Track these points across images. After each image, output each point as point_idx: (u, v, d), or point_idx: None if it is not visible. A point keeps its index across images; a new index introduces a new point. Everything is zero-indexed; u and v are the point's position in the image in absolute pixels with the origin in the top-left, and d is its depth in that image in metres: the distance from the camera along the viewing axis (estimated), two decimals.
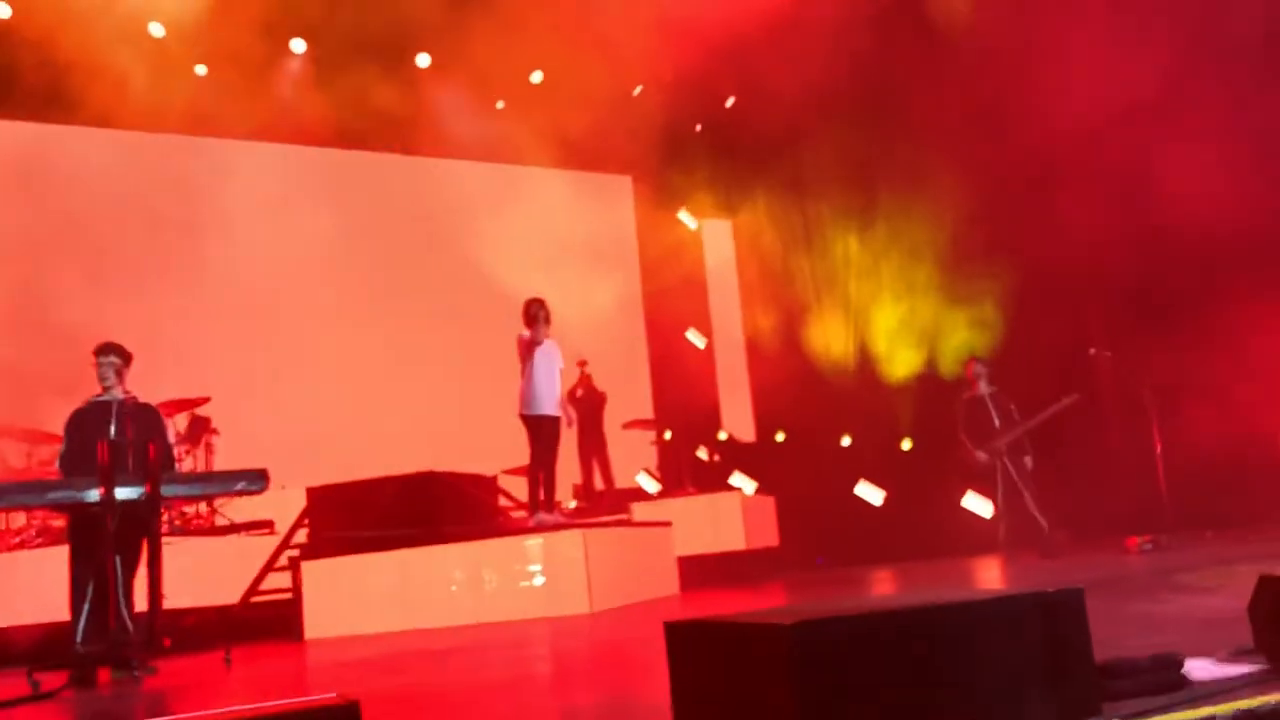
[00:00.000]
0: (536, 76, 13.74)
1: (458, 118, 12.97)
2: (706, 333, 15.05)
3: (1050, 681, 2.14)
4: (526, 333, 8.58)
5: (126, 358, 6.37)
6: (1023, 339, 10.99)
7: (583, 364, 12.74)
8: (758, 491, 12.58)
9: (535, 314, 8.59)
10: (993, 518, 9.58)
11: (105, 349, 6.32)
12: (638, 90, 14.04)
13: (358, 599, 8.26)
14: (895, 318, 13.86)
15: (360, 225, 13.32)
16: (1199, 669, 2.56)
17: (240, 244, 12.14)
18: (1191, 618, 4.05)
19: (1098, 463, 9.33)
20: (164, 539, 6.18)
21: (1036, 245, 11.34)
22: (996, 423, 9.54)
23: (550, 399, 8.56)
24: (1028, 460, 9.44)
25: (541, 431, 8.52)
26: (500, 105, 13.71)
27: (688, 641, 2.35)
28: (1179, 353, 9.79)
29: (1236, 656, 2.69)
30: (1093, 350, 9.56)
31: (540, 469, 8.59)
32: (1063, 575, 6.80)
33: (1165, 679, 2.42)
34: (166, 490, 5.90)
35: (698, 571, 10.37)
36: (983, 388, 9.70)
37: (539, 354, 8.51)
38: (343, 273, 13.05)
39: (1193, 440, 10.10)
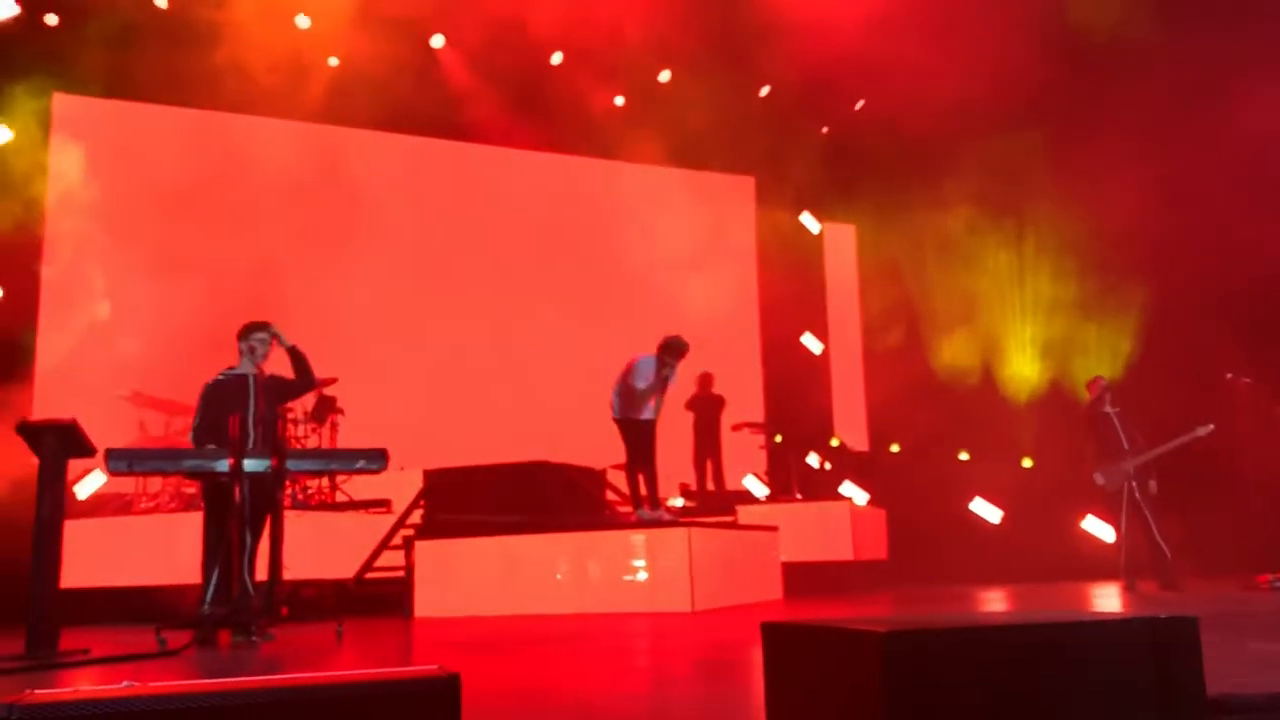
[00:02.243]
0: (664, 75, 13.82)
1: (585, 114, 13.14)
2: (823, 338, 14.90)
3: (1157, 712, 2.07)
4: (651, 361, 8.54)
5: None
6: (1157, 360, 10.56)
7: (706, 376, 12.79)
8: (869, 503, 12.40)
9: (671, 360, 8.58)
10: (1115, 543, 9.22)
11: (260, 326, 6.56)
12: (765, 90, 13.99)
13: (467, 581, 8.46)
14: (1024, 332, 13.48)
15: (485, 219, 13.63)
16: None
17: (377, 233, 12.56)
18: None
19: (1229, 493, 8.90)
20: (286, 512, 6.45)
21: (1178, 264, 10.88)
22: (1125, 444, 9.19)
23: (647, 407, 8.62)
24: (1153, 485, 9.08)
25: (637, 434, 8.57)
26: (620, 101, 13.81)
27: (783, 643, 2.35)
28: None
29: None
30: (1229, 375, 9.12)
31: (638, 467, 8.64)
32: (1182, 606, 6.53)
33: None
34: (292, 464, 6.15)
35: (802, 579, 10.29)
36: (1108, 407, 9.36)
37: (655, 380, 8.52)
38: (468, 265, 13.38)
39: None
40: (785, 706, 2.29)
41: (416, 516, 9.64)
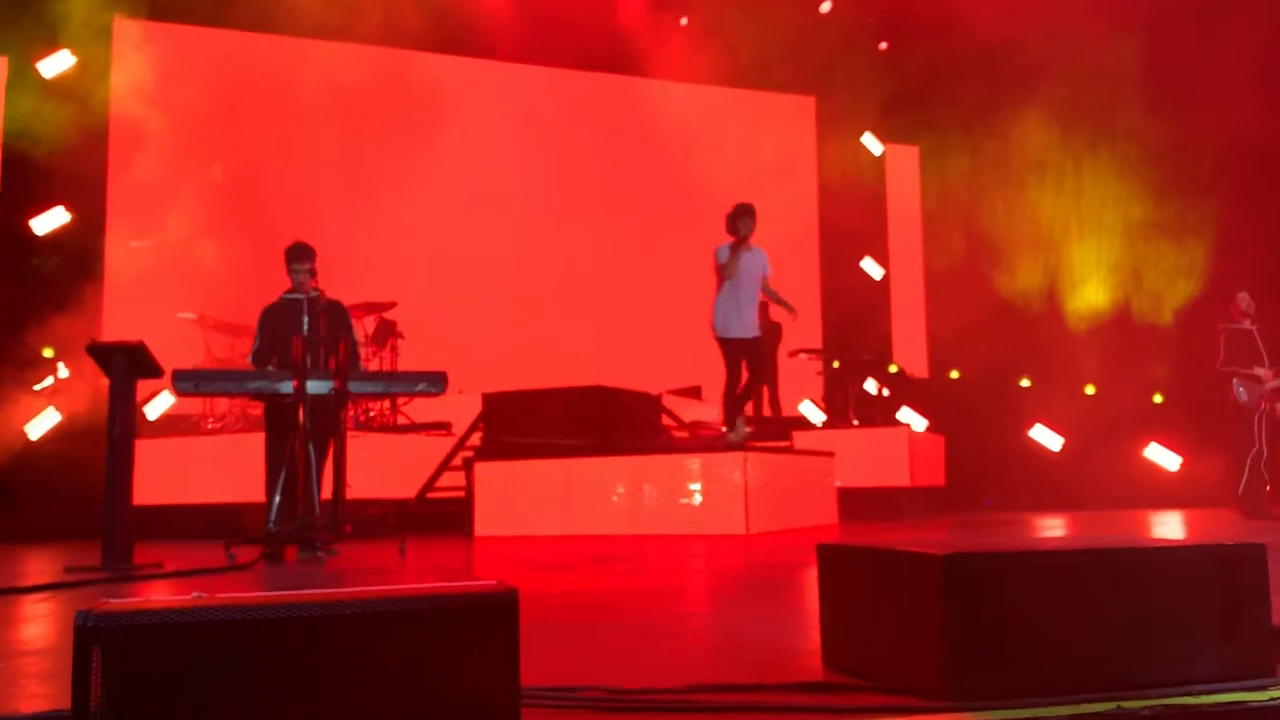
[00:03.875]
0: None
1: (645, 33, 12.91)
2: (884, 263, 14.68)
3: (1222, 638, 2.04)
4: (724, 247, 8.26)
5: (314, 257, 6.64)
6: (1230, 284, 10.23)
7: (763, 304, 12.69)
8: (927, 429, 12.32)
9: (737, 225, 8.27)
10: (1244, 465, 8.70)
11: (300, 254, 6.59)
12: (826, 6, 13.61)
13: (525, 502, 8.60)
14: (1091, 257, 13.15)
15: (545, 141, 13.55)
16: None
17: (435, 157, 12.57)
18: None
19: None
20: (349, 433, 6.57)
21: (1256, 184, 10.48)
22: (1265, 360, 8.76)
23: (740, 323, 8.26)
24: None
25: (732, 354, 8.27)
26: (684, 21, 13.54)
27: (839, 564, 2.35)
28: None
29: None
30: None
31: (731, 388, 8.35)
32: (1249, 535, 6.42)
33: None
34: (353, 387, 6.25)
35: (858, 504, 10.30)
36: (1248, 323, 8.84)
37: (738, 269, 8.22)
38: (527, 188, 13.34)
39: None
40: (840, 626, 2.30)
41: (476, 439, 9.78)
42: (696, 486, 8.22)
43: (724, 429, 8.49)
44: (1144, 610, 2.00)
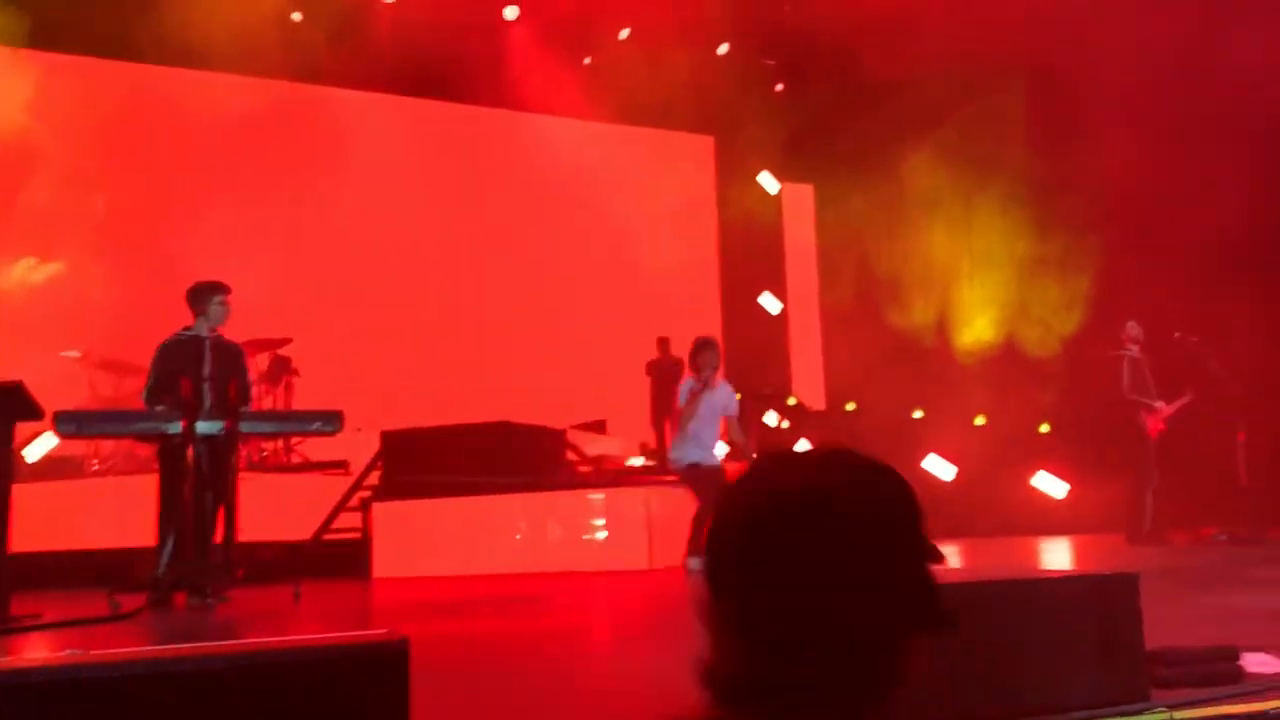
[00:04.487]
0: (624, 33, 13.67)
1: (544, 72, 12.99)
2: (782, 298, 14.95)
3: (1099, 665, 2.12)
4: (686, 386, 7.55)
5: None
6: (1110, 320, 10.68)
7: (664, 339, 12.85)
8: None
9: (697, 361, 7.50)
10: (1142, 493, 8.78)
11: (222, 288, 6.39)
12: (723, 48, 13.89)
13: (426, 542, 8.45)
14: (978, 292, 13.59)
15: (444, 176, 13.47)
16: (1256, 663, 2.51)
17: (330, 191, 12.37)
18: (1257, 612, 3.95)
19: (1178, 449, 9.05)
20: (242, 473, 6.39)
21: (1139, 222, 10.96)
22: (1153, 387, 8.90)
23: (699, 447, 7.47)
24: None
25: (696, 481, 7.36)
26: (587, 61, 13.67)
27: None
28: (1269, 342, 9.45)
29: None
30: (1177, 334, 9.24)
31: (705, 516, 7.24)
32: (1131, 563, 6.68)
33: (1219, 670, 2.38)
34: (245, 426, 6.09)
35: None
36: (1137, 352, 8.98)
37: (697, 412, 7.42)
38: (426, 223, 13.22)
39: (1277, 431, 9.77)
40: None
41: (374, 478, 9.59)
42: (600, 522, 8.20)
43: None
44: (1025, 638, 2.07)
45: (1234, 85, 9.59)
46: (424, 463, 9.20)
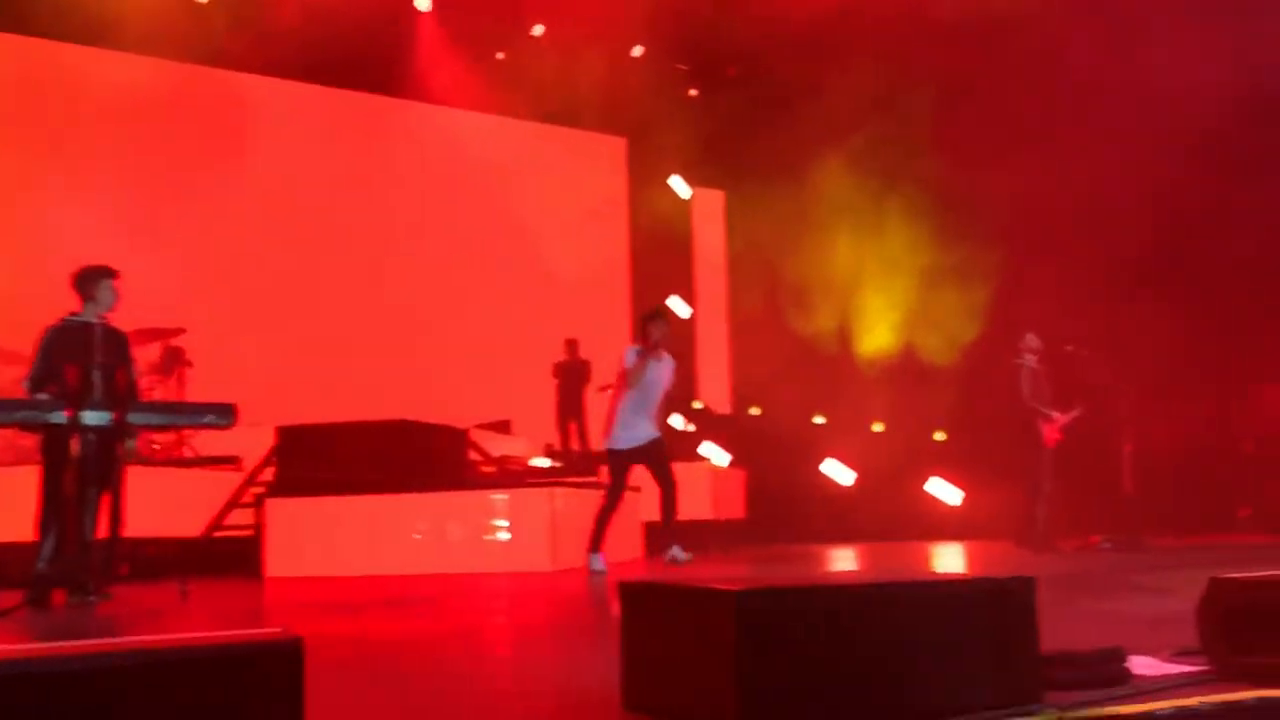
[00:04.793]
0: (538, 29, 13.59)
1: (456, 65, 12.83)
2: (691, 302, 15.03)
3: (995, 667, 2.16)
4: (632, 350, 7.21)
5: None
6: (1008, 330, 10.97)
7: (572, 341, 12.84)
8: (729, 464, 12.62)
9: (648, 328, 7.26)
10: (1035, 500, 8.99)
11: (111, 271, 6.13)
12: (638, 51, 13.91)
13: (321, 541, 8.25)
14: (881, 300, 13.86)
15: (352, 167, 13.20)
16: (1142, 666, 2.58)
17: (230, 177, 11.99)
18: (1142, 616, 4.10)
19: (1068, 459, 9.37)
20: (129, 467, 6.14)
21: (1038, 234, 11.31)
22: (1049, 398, 9.16)
23: (627, 433, 7.29)
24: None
25: (616, 468, 7.29)
26: (500, 56, 13.55)
27: (641, 602, 2.35)
28: (1156, 356, 9.84)
29: (1180, 656, 2.72)
30: (1070, 347, 9.56)
31: (607, 508, 7.30)
32: (1024, 567, 6.87)
33: (1108, 672, 2.44)
34: (134, 418, 5.85)
35: (663, 538, 10.40)
36: (1035, 363, 9.22)
37: (643, 378, 7.17)
38: (328, 214, 12.94)
39: (1161, 443, 10.18)
40: (641, 667, 2.30)
41: (269, 474, 9.34)
42: (502, 523, 8.12)
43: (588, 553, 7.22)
44: (924, 641, 2.09)
45: (1136, 104, 9.96)
46: (321, 460, 9.00)
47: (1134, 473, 9.47)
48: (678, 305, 14.68)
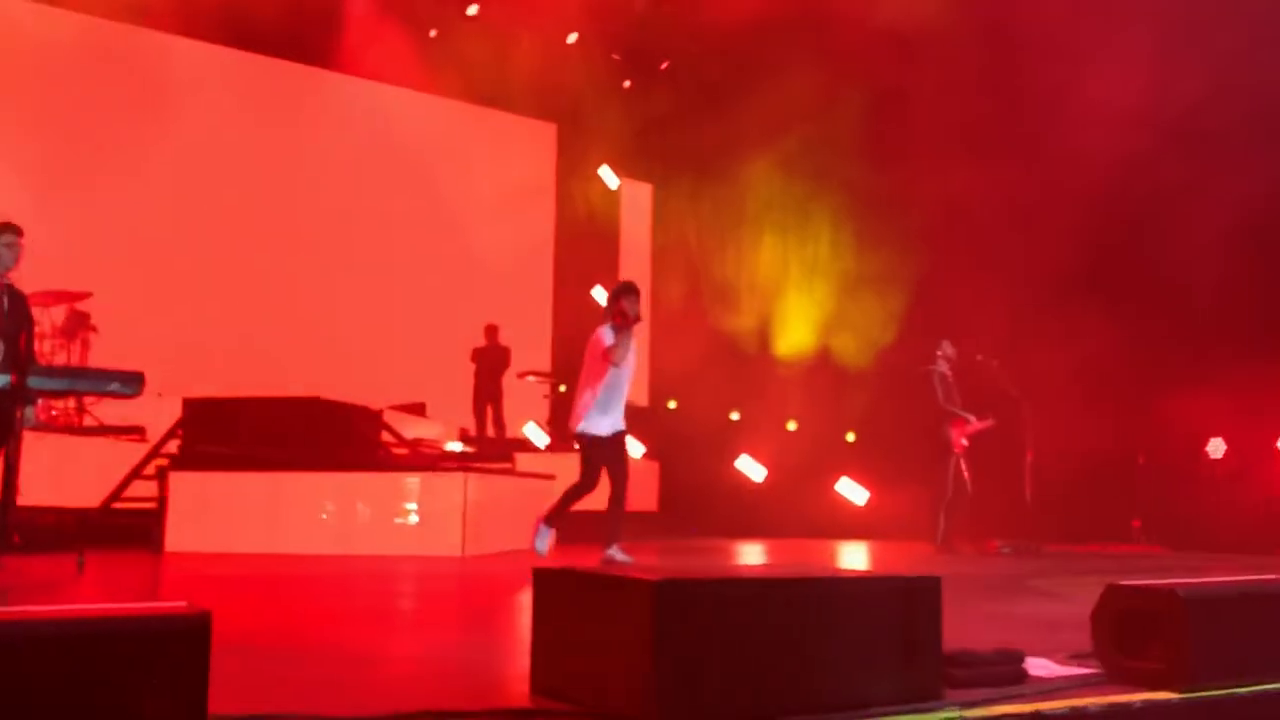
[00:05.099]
0: (472, 9, 13.43)
1: (387, 40, 12.60)
2: None
3: (900, 663, 2.21)
4: (607, 330, 6.72)
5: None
6: (924, 337, 11.20)
7: (492, 327, 12.76)
8: (644, 457, 12.66)
9: (621, 304, 6.72)
10: (941, 502, 9.17)
11: (13, 228, 5.89)
12: (573, 38, 13.84)
13: (225, 517, 8.06)
14: (801, 301, 14.02)
15: (270, 135, 12.86)
16: (1038, 667, 2.67)
17: (147, 140, 11.61)
18: (1039, 620, 4.23)
19: (973, 464, 9.62)
20: (26, 432, 5.92)
21: (959, 243, 11.54)
22: (960, 406, 9.37)
23: (605, 419, 6.78)
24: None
25: (592, 457, 6.77)
26: (433, 34, 13.34)
27: (555, 590, 2.35)
28: (1066, 368, 10.13)
29: (1075, 659, 2.81)
30: (979, 357, 9.81)
31: (577, 491, 6.88)
32: (927, 569, 7.03)
33: (1006, 672, 2.52)
34: (35, 382, 5.64)
35: (575, 528, 10.38)
36: (947, 367, 9.44)
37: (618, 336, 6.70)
38: (247, 183, 12.60)
39: (1062, 454, 10.51)
40: (552, 652, 2.30)
41: (173, 446, 9.09)
42: (412, 506, 8.03)
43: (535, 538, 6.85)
44: (834, 635, 2.13)
45: (1061, 120, 10.22)
46: (228, 434, 8.80)
47: (1034, 481, 9.76)
48: (601, 296, 14.67)
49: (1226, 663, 2.57)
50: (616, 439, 6.81)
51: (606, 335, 6.73)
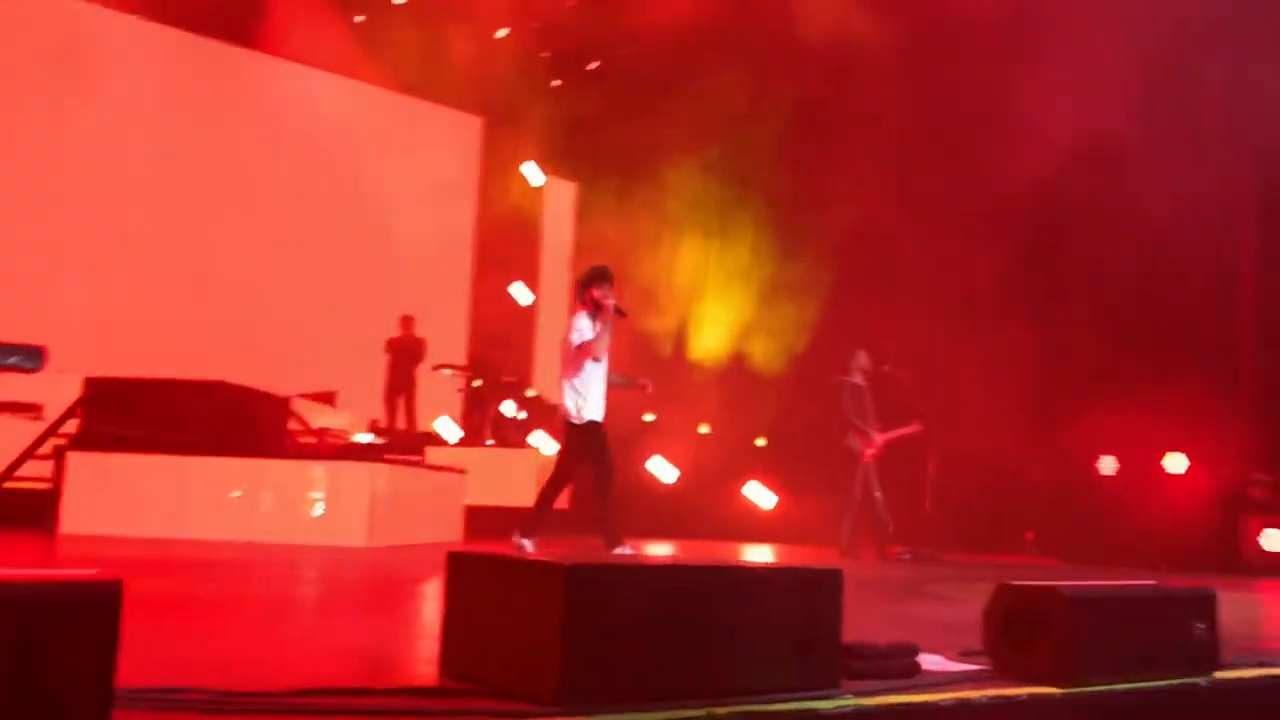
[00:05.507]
0: None
1: (312, 22, 12.39)
2: (534, 290, 15.01)
3: (799, 651, 2.29)
4: (584, 319, 6.65)
5: None
6: (838, 346, 11.41)
7: (408, 318, 12.67)
8: (557, 453, 12.66)
9: (591, 292, 6.63)
10: (848, 509, 9.35)
11: None
12: (503, 32, 13.79)
13: (123, 499, 7.85)
14: (718, 306, 14.17)
15: (191, 113, 12.55)
16: (932, 662, 2.78)
17: (57, 110, 11.23)
18: (934, 621, 4.38)
19: (882, 474, 9.85)
20: None
21: (875, 255, 11.77)
22: (871, 415, 9.53)
23: (592, 405, 6.81)
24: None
25: (577, 443, 6.77)
26: (359, 19, 13.17)
27: (468, 573, 2.37)
28: (967, 383, 10.43)
29: (965, 656, 2.94)
30: (887, 368, 10.04)
31: (554, 486, 6.92)
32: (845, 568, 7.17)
33: (901, 665, 2.62)
34: None
35: (485, 522, 10.36)
36: (860, 379, 9.61)
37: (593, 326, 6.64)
38: (160, 159, 12.27)
39: (963, 466, 10.83)
40: (462, 634, 2.32)
41: (72, 425, 8.83)
42: (318, 495, 7.92)
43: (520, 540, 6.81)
44: (738, 623, 2.20)
45: (981, 134, 10.49)
46: (130, 415, 8.58)
47: (935, 491, 10.04)
48: (521, 292, 14.65)
49: (1106, 661, 2.71)
50: (599, 428, 6.77)
51: (583, 326, 6.62)
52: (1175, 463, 10.46)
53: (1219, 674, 2.95)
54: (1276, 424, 9.88)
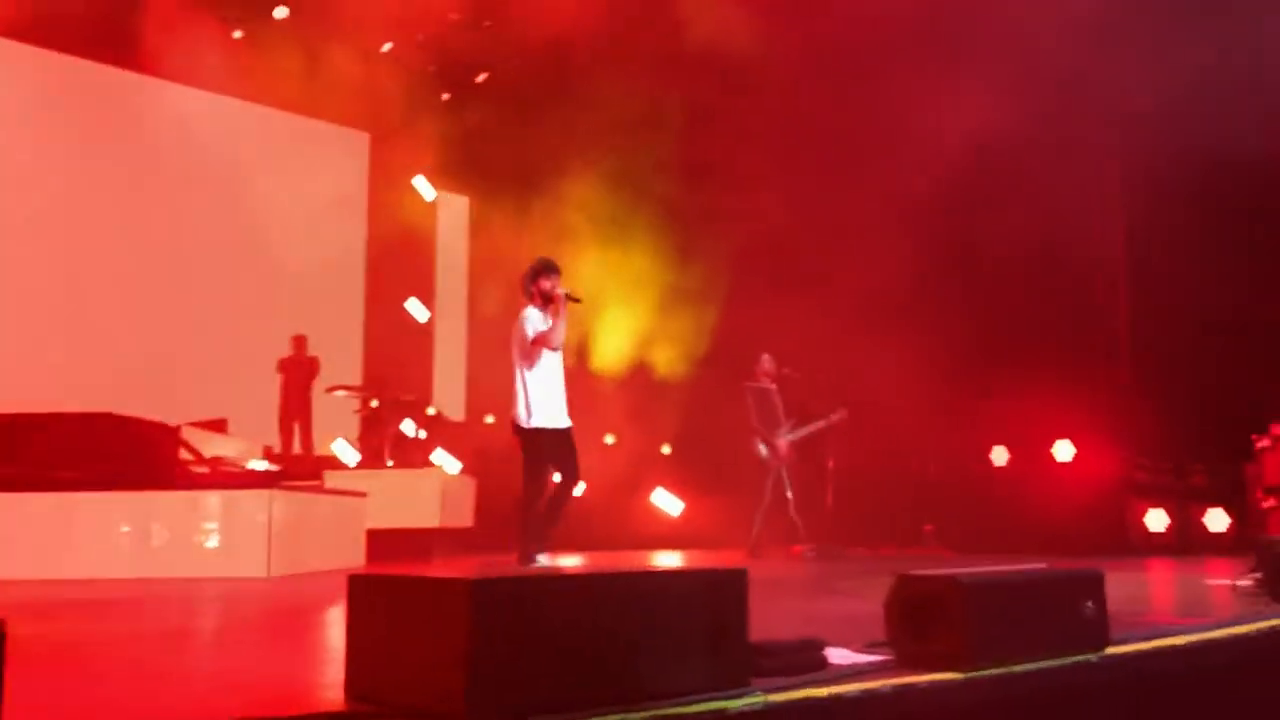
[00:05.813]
0: (280, 11, 13.01)
1: (188, 39, 12.04)
2: (430, 306, 14.82)
3: (708, 653, 2.31)
4: (539, 316, 6.46)
5: None
6: (740, 351, 11.55)
7: (300, 338, 12.40)
8: (461, 472, 12.53)
9: (540, 283, 6.44)
10: (758, 510, 9.54)
11: None
12: (387, 46, 13.63)
13: (3, 540, 7.49)
14: (618, 314, 14.21)
15: (65, 137, 12.05)
16: (838, 655, 2.83)
17: None
18: (838, 615, 4.46)
19: (794, 475, 10.01)
20: None
21: (777, 259, 11.95)
22: (782, 417, 9.74)
23: (551, 408, 6.64)
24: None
25: (539, 450, 6.64)
26: (238, 35, 12.85)
27: (370, 595, 2.33)
28: (864, 382, 10.67)
29: (870, 648, 3.00)
30: (785, 370, 10.22)
31: (531, 498, 6.71)
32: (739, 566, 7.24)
33: (808, 660, 2.67)
34: None
35: (387, 545, 10.17)
36: (768, 382, 9.79)
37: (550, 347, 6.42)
38: (40, 185, 11.76)
39: (861, 462, 11.05)
40: (367, 658, 2.28)
41: None
42: (213, 526, 7.69)
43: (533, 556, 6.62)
44: (645, 628, 2.21)
45: (874, 141, 10.75)
46: (8, 452, 8.20)
47: (835, 488, 10.24)
48: (416, 308, 14.45)
49: (1003, 643, 2.80)
50: (567, 432, 6.60)
51: (535, 319, 6.38)
52: (1064, 451, 10.87)
53: (1110, 649, 3.08)
54: (1156, 410, 10.32)
